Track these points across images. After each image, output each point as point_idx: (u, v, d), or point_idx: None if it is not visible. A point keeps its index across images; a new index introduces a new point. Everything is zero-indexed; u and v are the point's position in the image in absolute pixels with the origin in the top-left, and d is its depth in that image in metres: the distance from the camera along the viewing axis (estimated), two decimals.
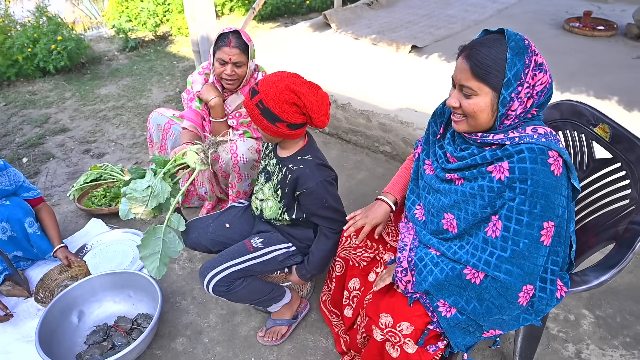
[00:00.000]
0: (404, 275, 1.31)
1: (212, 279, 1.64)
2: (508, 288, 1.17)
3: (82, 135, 3.45)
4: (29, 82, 4.28)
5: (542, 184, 1.12)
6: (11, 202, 2.06)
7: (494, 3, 5.10)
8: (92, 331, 1.93)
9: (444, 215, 1.34)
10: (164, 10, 5.30)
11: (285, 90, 1.45)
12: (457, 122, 1.25)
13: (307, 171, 1.57)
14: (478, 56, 1.11)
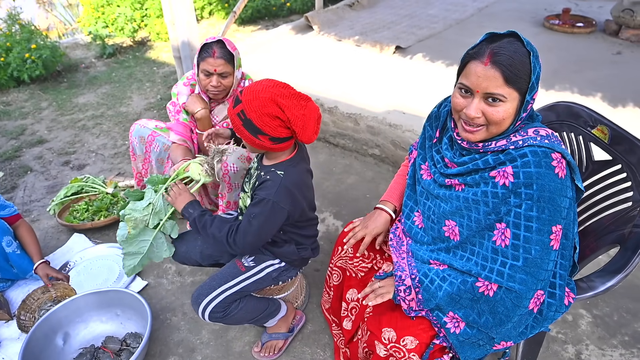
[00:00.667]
0: (407, 294, 1.25)
1: (208, 306, 1.57)
2: (522, 297, 1.14)
3: (61, 146, 3.32)
4: (2, 92, 4.12)
5: (547, 188, 1.10)
6: None
7: (474, 2, 5.13)
8: (79, 354, 1.84)
9: (445, 222, 1.30)
10: (141, 15, 5.18)
11: (268, 102, 1.34)
12: (472, 132, 1.18)
13: (269, 183, 1.47)
14: (508, 61, 1.07)
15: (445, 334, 1.25)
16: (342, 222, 2.52)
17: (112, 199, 2.61)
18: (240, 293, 1.63)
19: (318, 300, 2.07)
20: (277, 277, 1.71)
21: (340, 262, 1.70)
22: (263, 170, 1.52)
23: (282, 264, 1.70)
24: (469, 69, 1.13)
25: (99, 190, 2.68)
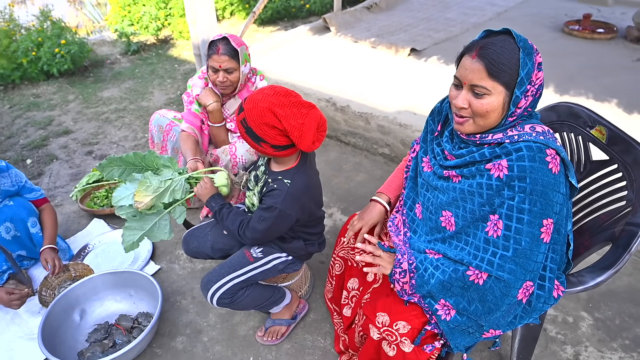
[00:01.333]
0: (402, 276, 1.30)
1: (216, 293, 1.66)
2: (511, 286, 1.18)
3: (85, 137, 3.48)
4: (33, 85, 4.32)
5: (540, 182, 1.13)
6: (15, 203, 2.09)
7: (492, 6, 5.13)
8: (94, 329, 1.95)
9: (442, 213, 1.34)
10: (165, 14, 5.34)
11: (265, 112, 1.37)
12: (461, 124, 1.23)
13: (276, 193, 1.52)
14: (492, 55, 1.11)
15: (436, 320, 1.30)
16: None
17: None
18: (247, 281, 1.70)
19: (321, 291, 2.13)
20: (283, 269, 1.78)
21: (342, 253, 1.76)
22: (271, 177, 1.56)
23: (289, 257, 1.77)
24: (461, 62, 1.18)
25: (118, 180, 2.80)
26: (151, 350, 1.90)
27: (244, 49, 2.05)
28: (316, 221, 1.77)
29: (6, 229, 2.06)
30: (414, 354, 1.31)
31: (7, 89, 4.26)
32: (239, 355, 1.87)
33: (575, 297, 2.08)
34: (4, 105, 4.01)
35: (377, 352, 1.39)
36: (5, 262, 2.09)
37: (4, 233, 2.06)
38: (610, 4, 5.20)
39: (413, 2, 5.32)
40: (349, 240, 1.71)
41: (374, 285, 1.59)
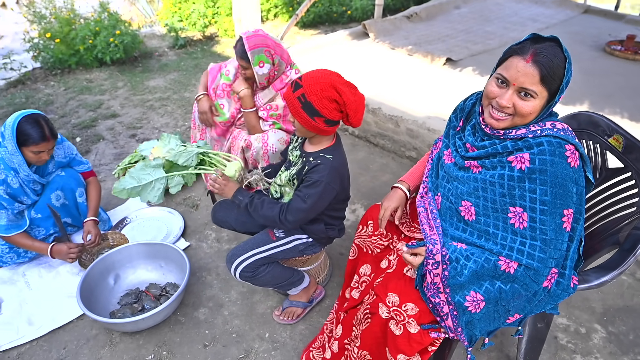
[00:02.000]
0: (434, 267, 1.34)
1: (239, 266, 1.78)
2: (539, 274, 1.24)
3: (130, 121, 3.71)
4: (87, 70, 4.64)
5: (560, 175, 1.21)
6: (66, 173, 2.29)
7: (534, 22, 5.11)
8: (125, 293, 2.11)
9: (461, 203, 1.40)
10: (213, 12, 5.61)
11: (328, 87, 1.51)
12: (498, 120, 1.29)
13: (321, 167, 1.65)
14: (548, 63, 1.17)
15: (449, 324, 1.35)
16: None
17: None
18: (269, 258, 1.82)
19: (339, 280, 2.23)
20: (302, 250, 1.88)
21: (358, 240, 1.85)
22: (311, 156, 1.69)
23: (310, 239, 1.88)
24: (510, 62, 1.23)
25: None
26: (175, 318, 2.04)
27: (261, 51, 2.16)
28: (341, 205, 1.87)
29: (57, 196, 2.26)
30: (419, 336, 1.38)
31: (64, 73, 4.58)
32: (255, 330, 1.99)
33: (590, 309, 2.09)
34: (60, 87, 4.32)
35: (383, 330, 1.46)
36: (54, 226, 2.28)
37: (54, 200, 2.26)
38: None
39: (453, 14, 5.37)
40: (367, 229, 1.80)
41: (387, 271, 1.67)
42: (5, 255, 2.21)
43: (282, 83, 2.35)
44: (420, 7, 5.26)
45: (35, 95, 4.13)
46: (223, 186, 1.77)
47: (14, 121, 1.95)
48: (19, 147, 1.98)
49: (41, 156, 2.04)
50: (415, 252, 1.40)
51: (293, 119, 1.65)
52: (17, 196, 2.11)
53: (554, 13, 5.41)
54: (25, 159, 2.02)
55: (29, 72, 4.52)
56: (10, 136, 1.94)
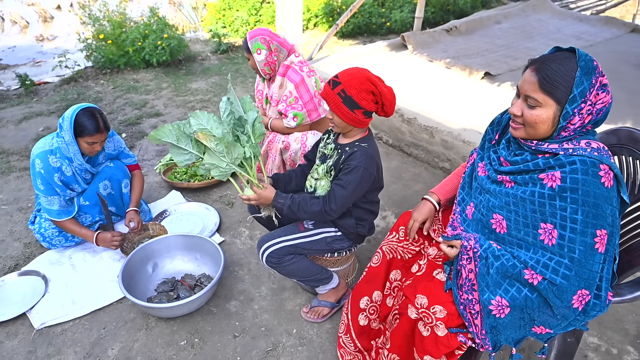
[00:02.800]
0: (468, 262, 1.39)
1: (266, 250, 1.86)
2: (564, 291, 1.23)
3: (172, 120, 3.89)
4: (134, 71, 4.88)
5: (592, 194, 1.20)
6: (114, 165, 2.44)
7: (578, 40, 5.03)
8: (162, 281, 2.22)
9: (492, 215, 1.43)
10: (255, 20, 5.79)
11: (365, 80, 1.64)
12: (515, 129, 1.35)
13: (357, 154, 1.74)
14: (547, 71, 1.21)
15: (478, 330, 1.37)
16: None
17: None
18: (296, 248, 1.88)
19: None
20: (330, 243, 1.93)
21: (385, 246, 1.88)
22: (347, 146, 1.79)
23: (338, 232, 1.93)
24: (524, 73, 1.30)
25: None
26: (208, 308, 2.13)
27: (257, 39, 2.42)
28: (376, 192, 1.92)
29: (104, 186, 2.41)
30: (446, 339, 1.40)
31: (113, 72, 4.84)
32: (283, 325, 2.05)
33: (623, 331, 2.05)
34: (109, 85, 4.57)
35: (412, 331, 1.49)
36: (99, 213, 2.43)
37: (102, 189, 2.40)
38: None
39: (494, 28, 5.35)
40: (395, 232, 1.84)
41: (417, 274, 1.70)
42: (55, 238, 2.37)
43: (284, 67, 2.49)
44: (460, 21, 5.27)
45: (86, 92, 4.38)
46: (259, 197, 1.83)
47: (72, 113, 2.11)
48: (75, 138, 2.13)
49: (94, 147, 2.18)
50: (452, 244, 1.43)
51: (332, 115, 1.73)
52: (70, 184, 2.27)
53: (599, 31, 5.30)
54: (79, 149, 2.17)
55: (82, 70, 4.80)
56: (68, 127, 2.09)
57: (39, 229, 2.36)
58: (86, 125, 2.11)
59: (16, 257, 2.40)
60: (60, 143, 2.17)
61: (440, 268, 1.58)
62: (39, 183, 2.17)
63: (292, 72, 2.45)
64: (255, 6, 5.78)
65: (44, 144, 2.20)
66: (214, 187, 2.99)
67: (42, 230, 2.35)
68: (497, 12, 5.72)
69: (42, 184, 2.17)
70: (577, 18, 5.78)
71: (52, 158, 2.17)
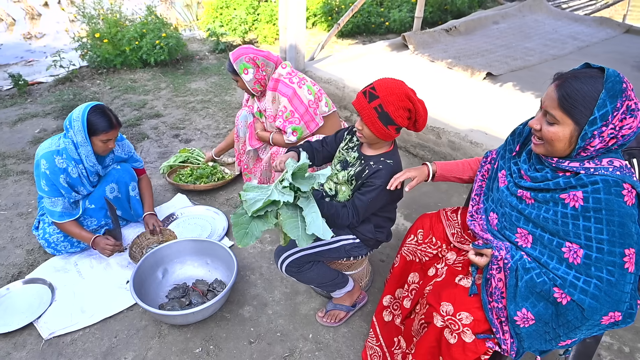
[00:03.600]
0: (498, 272, 1.37)
1: (286, 260, 1.83)
2: (594, 312, 1.21)
3: (173, 121, 3.83)
4: (131, 70, 4.80)
5: (617, 213, 1.18)
6: (122, 167, 2.39)
7: (574, 40, 5.08)
8: (173, 288, 2.18)
9: (517, 230, 1.42)
10: (253, 19, 5.74)
11: (404, 97, 1.61)
12: (536, 145, 1.34)
13: (383, 172, 1.71)
14: (569, 89, 1.19)
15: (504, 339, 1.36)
16: (411, 224, 2.69)
17: (212, 169, 3.00)
18: (315, 256, 1.86)
19: (380, 286, 2.25)
20: (349, 251, 1.92)
21: (405, 249, 1.88)
22: (371, 160, 1.76)
23: (357, 240, 1.91)
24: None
25: (201, 162, 3.09)
26: (221, 314, 2.10)
27: (242, 60, 2.39)
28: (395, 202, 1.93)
29: (111, 189, 2.36)
30: (474, 345, 1.39)
31: (109, 72, 4.75)
32: (299, 330, 2.03)
33: (634, 329, 2.06)
34: (105, 85, 4.49)
35: (438, 339, 1.48)
36: (105, 217, 2.38)
37: (109, 192, 2.35)
38: None
39: (492, 29, 5.37)
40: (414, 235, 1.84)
41: (435, 279, 1.69)
42: (60, 244, 2.31)
43: (273, 80, 2.46)
44: (459, 21, 5.28)
45: (82, 93, 4.29)
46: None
47: (82, 113, 2.07)
48: (89, 137, 2.08)
49: (108, 144, 2.16)
50: (481, 252, 1.41)
51: (362, 126, 1.69)
52: (75, 186, 2.22)
53: (595, 32, 5.36)
54: (92, 149, 2.14)
55: (77, 70, 4.70)
56: (80, 127, 2.05)
57: (43, 235, 2.30)
58: (99, 122, 2.08)
59: (19, 264, 2.34)
60: (68, 144, 2.12)
61: (461, 274, 1.57)
62: (43, 184, 2.12)
63: (283, 85, 2.41)
64: (253, 5, 5.73)
65: (50, 144, 2.15)
66: (220, 190, 2.95)
67: (47, 235, 2.29)
68: (494, 12, 5.74)
69: (46, 184, 2.12)
70: (572, 18, 5.83)
71: (58, 159, 2.12)
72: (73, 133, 2.09)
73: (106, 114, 2.12)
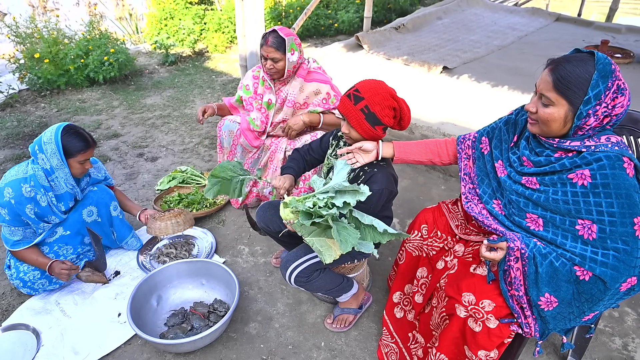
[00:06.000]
0: (515, 262, 1.39)
1: (294, 271, 1.80)
2: (615, 281, 1.28)
3: (134, 140, 3.64)
4: (77, 90, 4.51)
5: (623, 186, 1.27)
6: (98, 188, 2.24)
7: (513, 30, 5.40)
8: (171, 314, 2.07)
9: (526, 215, 1.47)
10: (200, 28, 5.59)
11: (388, 96, 1.63)
12: (531, 124, 1.43)
13: (379, 176, 1.72)
14: (562, 72, 1.28)
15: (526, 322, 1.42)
16: (398, 220, 2.74)
17: (202, 195, 2.81)
18: (321, 263, 1.84)
19: (379, 284, 2.28)
20: (354, 255, 1.92)
21: (409, 245, 1.91)
22: (365, 165, 1.76)
23: None
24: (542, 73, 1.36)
25: (193, 184, 2.95)
26: (227, 335, 2.02)
27: (292, 39, 2.29)
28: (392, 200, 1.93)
29: (89, 212, 2.20)
30: (498, 330, 1.44)
31: (53, 94, 4.44)
32: (310, 340, 2.00)
33: None
34: (51, 108, 4.18)
35: (461, 329, 1.52)
36: (82, 244, 2.21)
37: (86, 216, 2.19)
38: (624, 31, 5.48)
39: (437, 24, 5.59)
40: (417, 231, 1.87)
41: (448, 272, 1.72)
42: (37, 281, 2.11)
43: (305, 69, 2.44)
44: (406, 19, 5.45)
45: (27, 118, 3.98)
46: None
47: (55, 135, 1.94)
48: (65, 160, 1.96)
49: (85, 165, 2.04)
50: (497, 246, 1.45)
51: (349, 129, 1.70)
52: (45, 215, 2.05)
53: (529, 21, 5.74)
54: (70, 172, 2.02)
55: (16, 94, 4.35)
56: (55, 149, 1.92)
57: (17, 274, 2.09)
58: (75, 143, 1.96)
59: None
60: (37, 170, 1.96)
61: (474, 263, 1.61)
62: (4, 213, 1.94)
63: (319, 74, 2.44)
64: (199, 14, 5.58)
65: (17, 172, 1.99)
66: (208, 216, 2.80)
67: (22, 274, 2.08)
68: (436, 8, 5.98)
69: (8, 214, 1.95)
70: (507, 10, 6.20)
71: (25, 187, 1.95)
72: (45, 158, 1.94)
73: (81, 133, 1.99)
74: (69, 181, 2.02)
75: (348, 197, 1.51)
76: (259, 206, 2.05)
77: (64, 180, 2.00)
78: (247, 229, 2.65)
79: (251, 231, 2.63)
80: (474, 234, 1.75)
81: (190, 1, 5.71)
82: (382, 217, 1.91)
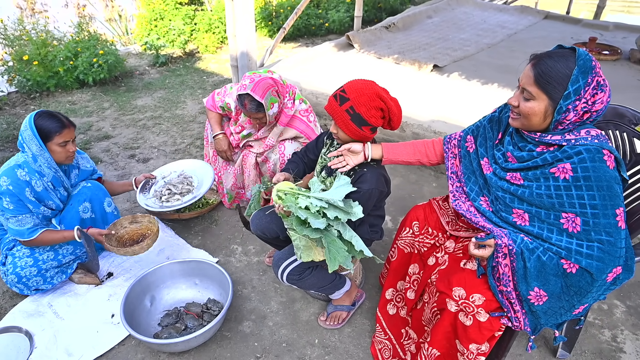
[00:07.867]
0: (503, 258, 1.41)
1: (286, 269, 1.81)
2: (601, 272, 1.30)
3: (125, 141, 3.63)
4: (67, 92, 4.48)
5: (604, 178, 1.29)
6: (92, 184, 2.22)
7: (502, 29, 5.44)
8: (165, 314, 2.08)
9: (512, 210, 1.49)
10: (191, 29, 5.57)
11: (374, 96, 1.62)
12: (513, 119, 1.46)
13: (368, 175, 1.73)
14: (544, 67, 1.31)
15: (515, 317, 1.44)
16: (390, 217, 2.76)
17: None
18: (313, 262, 1.85)
19: (372, 282, 2.30)
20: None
21: (401, 242, 1.93)
22: (356, 165, 1.77)
23: None
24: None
25: None
26: (221, 334, 2.03)
27: (269, 94, 2.19)
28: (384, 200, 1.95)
29: (84, 208, 2.17)
30: (489, 323, 1.47)
31: (42, 96, 4.41)
32: (304, 337, 2.01)
33: None
34: None
35: (452, 324, 1.54)
36: (74, 251, 2.19)
37: (82, 213, 2.16)
38: (611, 29, 5.55)
39: (428, 23, 5.62)
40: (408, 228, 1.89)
41: (439, 267, 1.74)
42: (32, 278, 2.07)
43: (287, 116, 2.37)
44: (396, 18, 5.47)
45: (17, 121, 3.94)
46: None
47: (29, 121, 1.94)
48: (44, 145, 1.96)
49: (68, 147, 2.01)
50: (485, 243, 1.47)
51: (336, 129, 1.71)
52: (43, 199, 2.04)
53: (518, 19, 5.79)
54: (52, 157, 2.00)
55: (5, 96, 4.31)
56: (31, 134, 1.92)
57: (13, 269, 2.03)
58: (49, 125, 1.94)
59: None
60: (27, 157, 1.96)
61: (464, 259, 1.63)
62: (6, 203, 1.91)
63: (302, 123, 2.39)
64: (189, 14, 5.56)
65: (9, 162, 1.99)
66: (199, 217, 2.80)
67: (18, 269, 2.03)
68: (426, 7, 6.02)
69: (10, 202, 1.92)
70: (497, 9, 6.25)
71: (20, 172, 1.94)
72: (27, 147, 1.93)
73: (54, 115, 1.97)
74: (52, 165, 2.00)
75: (340, 214, 1.54)
76: (252, 215, 2.04)
77: (47, 165, 1.99)
78: (240, 229, 2.66)
79: (244, 230, 2.63)
80: (463, 230, 1.77)
81: (180, 2, 5.70)
82: (375, 217, 1.93)
